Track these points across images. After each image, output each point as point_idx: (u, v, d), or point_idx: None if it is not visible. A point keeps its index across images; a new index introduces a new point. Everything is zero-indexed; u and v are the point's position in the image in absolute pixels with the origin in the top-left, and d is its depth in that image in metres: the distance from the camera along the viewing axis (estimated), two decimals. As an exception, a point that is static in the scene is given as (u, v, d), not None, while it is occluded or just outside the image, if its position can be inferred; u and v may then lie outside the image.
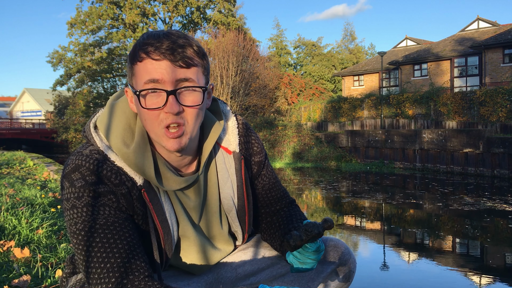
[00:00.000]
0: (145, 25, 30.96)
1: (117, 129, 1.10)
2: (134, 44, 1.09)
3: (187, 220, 1.18)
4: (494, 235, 8.01)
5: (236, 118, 1.28)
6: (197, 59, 1.06)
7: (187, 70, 1.04)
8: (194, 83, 1.05)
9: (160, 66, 1.02)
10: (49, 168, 10.81)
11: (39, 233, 3.51)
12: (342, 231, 8.44)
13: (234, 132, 1.25)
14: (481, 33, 26.49)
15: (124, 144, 1.08)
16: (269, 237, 1.33)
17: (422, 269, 6.10)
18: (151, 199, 1.10)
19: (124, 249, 1.02)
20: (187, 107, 1.05)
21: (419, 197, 12.15)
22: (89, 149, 1.09)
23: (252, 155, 1.30)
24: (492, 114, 18.04)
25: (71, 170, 1.05)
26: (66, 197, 1.06)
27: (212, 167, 1.23)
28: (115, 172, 1.07)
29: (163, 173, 1.12)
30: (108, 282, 1.00)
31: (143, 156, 1.08)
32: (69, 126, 31.75)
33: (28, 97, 63.12)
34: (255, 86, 26.17)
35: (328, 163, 20.48)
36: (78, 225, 1.03)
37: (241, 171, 1.24)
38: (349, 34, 50.45)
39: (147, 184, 1.10)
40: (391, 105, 22.13)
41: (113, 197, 1.05)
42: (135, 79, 1.06)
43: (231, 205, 1.24)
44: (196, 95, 1.06)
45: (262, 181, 1.34)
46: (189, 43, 1.05)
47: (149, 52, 1.03)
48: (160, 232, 1.11)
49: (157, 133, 1.06)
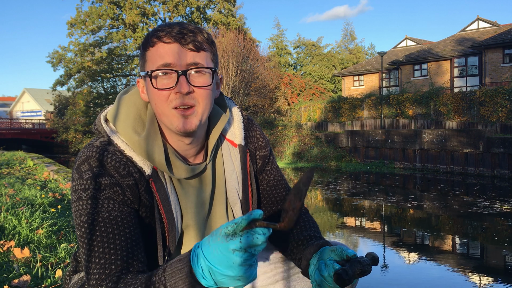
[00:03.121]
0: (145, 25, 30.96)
1: (127, 119, 1.13)
2: (147, 34, 1.13)
3: (192, 214, 1.19)
4: (494, 235, 8.01)
5: (241, 112, 1.29)
6: (206, 45, 1.10)
7: (196, 54, 1.08)
8: (203, 66, 1.09)
9: (171, 48, 1.06)
10: (49, 168, 10.81)
11: (39, 233, 3.51)
12: (342, 231, 8.44)
13: (240, 125, 1.26)
14: (481, 33, 26.49)
15: (135, 132, 1.11)
16: (279, 239, 1.30)
17: (422, 269, 6.10)
18: (158, 189, 1.11)
19: (122, 245, 1.03)
20: (197, 88, 1.08)
21: (419, 197, 12.15)
22: (100, 141, 1.11)
23: (257, 149, 1.30)
24: (492, 114, 18.04)
25: (81, 162, 1.08)
26: (74, 188, 1.08)
27: (218, 159, 1.24)
28: (124, 163, 1.08)
29: (173, 161, 1.14)
30: (103, 275, 1.00)
31: (153, 144, 1.10)
32: (69, 126, 31.79)
33: (28, 97, 63.10)
34: (255, 86, 26.18)
35: (328, 163, 20.48)
36: (82, 217, 1.05)
37: (246, 164, 1.25)
38: (348, 34, 50.45)
39: (155, 174, 1.12)
40: (391, 105, 22.13)
41: (119, 189, 1.07)
42: (148, 64, 1.10)
43: (236, 198, 1.24)
44: (206, 77, 1.09)
45: (267, 177, 1.33)
46: (200, 30, 1.10)
47: (160, 37, 1.07)
48: (165, 223, 1.11)
49: (167, 114, 1.08)
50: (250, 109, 26.50)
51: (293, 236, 1.23)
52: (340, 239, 7.79)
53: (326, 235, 7.94)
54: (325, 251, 1.08)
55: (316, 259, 1.09)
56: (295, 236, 1.23)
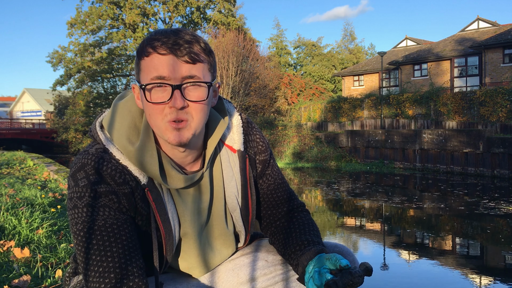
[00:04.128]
0: (145, 25, 30.97)
1: (122, 127, 1.11)
2: (142, 40, 1.10)
3: (189, 221, 1.18)
4: (494, 235, 8.01)
5: (241, 116, 1.27)
6: (203, 56, 1.07)
7: (192, 66, 1.05)
8: (199, 80, 1.06)
9: (166, 60, 1.03)
10: (49, 168, 10.81)
11: (39, 233, 3.51)
12: (342, 231, 8.44)
13: (239, 130, 1.24)
14: (481, 33, 26.49)
15: (129, 142, 1.09)
16: (279, 242, 1.29)
17: (422, 269, 6.10)
18: (154, 199, 1.10)
19: (119, 253, 1.03)
20: (192, 102, 1.05)
21: (419, 197, 12.15)
22: (95, 148, 1.10)
23: (256, 153, 1.28)
24: (492, 114, 18.04)
25: (76, 169, 1.07)
26: (70, 196, 1.07)
27: (216, 165, 1.22)
28: (120, 171, 1.07)
29: (167, 171, 1.12)
30: (102, 284, 1.00)
31: (147, 154, 1.08)
32: (69, 126, 31.78)
33: (28, 97, 63.11)
34: (255, 86, 26.18)
35: (328, 163, 20.48)
36: (78, 225, 1.04)
37: (245, 169, 1.23)
38: (348, 34, 50.49)
39: (151, 183, 1.10)
40: (391, 105, 22.13)
41: (115, 197, 1.06)
42: (142, 74, 1.07)
43: (235, 204, 1.23)
44: (201, 91, 1.06)
45: (267, 181, 1.31)
46: (196, 40, 1.07)
47: (155, 47, 1.04)
48: (162, 232, 1.11)
49: (161, 127, 1.06)
50: (250, 109, 26.50)
51: (292, 240, 1.23)
52: (340, 239, 7.79)
53: (326, 235, 7.94)
54: (321, 258, 1.10)
55: (312, 266, 1.11)
56: (293, 240, 1.23)
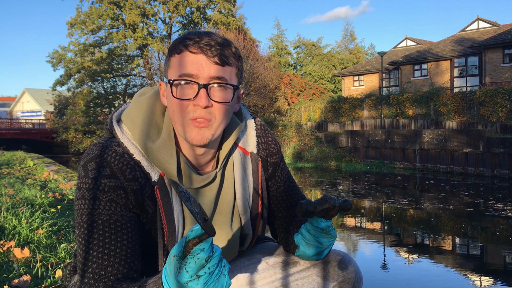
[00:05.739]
0: (145, 25, 30.93)
1: (143, 124, 1.12)
2: (175, 39, 1.12)
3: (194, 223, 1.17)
4: (494, 235, 8.01)
5: (255, 120, 1.30)
6: (232, 59, 1.09)
7: (221, 68, 1.06)
8: (226, 82, 1.07)
9: (196, 59, 1.05)
10: (49, 168, 10.81)
11: (39, 233, 3.51)
12: (342, 231, 8.44)
13: (252, 133, 1.26)
14: (481, 33, 26.49)
15: (150, 139, 1.10)
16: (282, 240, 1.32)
17: (422, 269, 6.10)
18: (162, 197, 1.10)
19: (117, 251, 1.02)
20: (216, 103, 1.06)
21: (419, 197, 12.15)
22: (110, 141, 1.11)
23: (268, 155, 1.30)
24: (492, 114, 18.04)
25: (88, 160, 1.08)
26: (78, 186, 1.08)
27: (229, 167, 1.23)
28: (131, 167, 1.08)
29: (184, 171, 1.13)
30: (97, 275, 1.01)
31: (167, 153, 1.09)
32: (69, 126, 31.76)
33: (28, 97, 63.09)
34: (255, 86, 26.17)
35: (328, 163, 20.48)
36: (83, 216, 1.05)
37: (258, 172, 1.25)
38: (348, 34, 50.49)
39: (161, 181, 1.11)
40: (391, 105, 22.13)
41: (123, 193, 1.06)
42: (171, 70, 1.09)
43: (246, 206, 1.23)
44: (227, 93, 1.08)
45: (277, 183, 1.33)
46: (228, 43, 1.09)
47: (188, 45, 1.06)
48: (166, 233, 1.11)
49: (183, 123, 1.07)
50: (250, 109, 26.47)
51: (291, 234, 1.28)
52: (340, 239, 7.79)
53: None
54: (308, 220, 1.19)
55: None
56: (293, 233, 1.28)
